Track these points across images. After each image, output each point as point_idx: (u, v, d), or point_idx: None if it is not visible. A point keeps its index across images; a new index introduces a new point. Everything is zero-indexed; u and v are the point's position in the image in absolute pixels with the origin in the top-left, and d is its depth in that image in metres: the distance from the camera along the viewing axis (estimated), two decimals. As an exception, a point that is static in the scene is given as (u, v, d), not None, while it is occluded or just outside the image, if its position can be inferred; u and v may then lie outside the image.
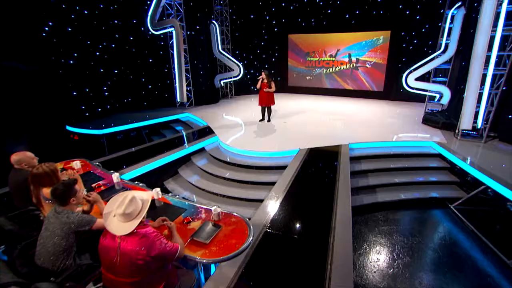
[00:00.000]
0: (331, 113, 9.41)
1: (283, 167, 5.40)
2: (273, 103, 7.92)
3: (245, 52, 12.87)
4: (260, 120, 8.21)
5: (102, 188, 3.51)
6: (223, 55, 11.61)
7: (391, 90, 11.22)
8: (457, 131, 6.70)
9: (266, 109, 8.10)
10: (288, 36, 12.70)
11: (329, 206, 3.95)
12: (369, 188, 5.62)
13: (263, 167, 5.90)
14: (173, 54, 9.85)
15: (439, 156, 6.21)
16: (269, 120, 8.22)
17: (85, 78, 8.74)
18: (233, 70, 11.72)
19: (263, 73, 7.54)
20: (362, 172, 5.88)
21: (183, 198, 5.28)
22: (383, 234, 4.64)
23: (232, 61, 11.60)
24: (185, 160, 6.62)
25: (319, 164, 5.51)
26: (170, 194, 3.45)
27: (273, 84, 7.63)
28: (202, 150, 6.94)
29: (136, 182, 3.79)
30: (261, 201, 4.92)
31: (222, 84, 12.43)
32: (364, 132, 7.25)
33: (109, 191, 3.44)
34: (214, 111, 10.15)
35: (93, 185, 3.53)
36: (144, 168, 5.66)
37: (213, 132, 7.48)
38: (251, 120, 8.72)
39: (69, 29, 8.11)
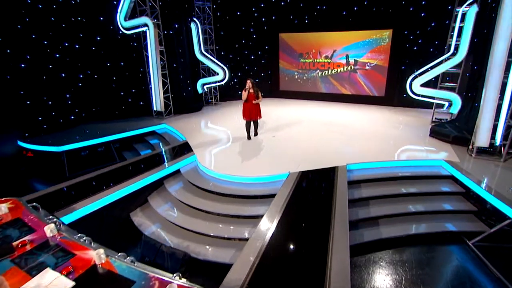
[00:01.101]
0: (327, 123, 8.95)
1: (271, 196, 4.87)
2: (261, 116, 7.38)
3: (231, 53, 12.44)
4: (248, 139, 7.57)
5: (28, 247, 2.82)
6: (206, 57, 11.11)
7: (393, 95, 10.87)
8: (471, 147, 6.20)
9: (251, 123, 7.51)
10: (279, 35, 12.29)
11: (323, 248, 3.45)
12: (371, 220, 5.07)
13: (248, 196, 5.31)
14: (148, 57, 9.35)
15: (452, 178, 5.71)
16: (256, 134, 7.64)
17: (42, 84, 8.04)
18: (217, 73, 11.21)
19: (249, 81, 6.97)
20: (362, 200, 5.32)
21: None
22: (388, 283, 4.06)
23: (216, 63, 11.11)
24: (157, 185, 6.00)
25: (312, 191, 5.00)
26: (119, 254, 2.79)
27: (260, 94, 7.13)
28: (177, 172, 6.33)
29: (80, 235, 3.11)
30: (244, 240, 4.43)
31: (206, 90, 11.90)
32: (364, 147, 6.78)
33: (38, 254, 2.76)
34: (195, 121, 9.67)
35: (15, 243, 2.85)
36: (105, 200, 5.03)
37: (191, 150, 6.90)
38: (237, 132, 8.18)
39: (19, 26, 7.38)
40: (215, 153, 6.80)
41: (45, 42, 7.90)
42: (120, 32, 9.01)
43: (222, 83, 11.37)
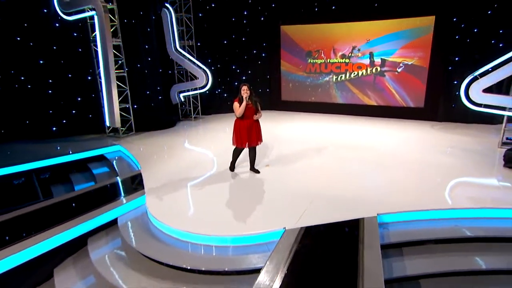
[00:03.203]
0: (344, 146, 8.05)
1: (254, 272, 3.81)
2: (262, 139, 6.24)
3: (217, 51, 11.88)
4: (231, 169, 6.37)
5: None
6: (183, 56, 10.43)
7: (437, 106, 10.11)
8: None
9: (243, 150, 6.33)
10: (280, 28, 11.80)
11: None
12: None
13: (216, 271, 4.02)
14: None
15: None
16: (256, 170, 6.34)
17: None
18: (198, 78, 10.53)
19: (245, 87, 5.74)
20: (408, 280, 3.99)
21: None
22: None
23: (196, 64, 10.45)
24: (76, 245, 4.70)
25: (321, 263, 3.78)
26: None
27: (259, 106, 6.08)
28: (112, 224, 5.06)
29: None
30: None
31: (183, 99, 11.11)
32: (401, 185, 5.73)
33: None
34: (163, 142, 8.90)
35: None
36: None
37: (142, 187, 5.76)
38: (220, 158, 7.27)
39: None
40: (176, 194, 5.58)
41: None
42: (59, 18, 8.11)
43: (204, 90, 10.69)
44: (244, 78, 11.96)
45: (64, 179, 7.43)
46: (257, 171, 6.27)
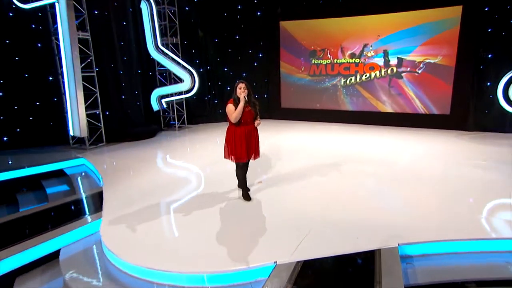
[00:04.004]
0: (355, 161, 7.75)
1: None
2: (259, 153, 5.91)
3: (206, 51, 11.83)
4: (246, 198, 5.82)
5: None
6: (165, 55, 10.17)
7: (467, 113, 9.81)
8: None
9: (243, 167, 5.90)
10: (279, 25, 11.75)
11: None
12: None
13: None
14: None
15: None
16: (248, 196, 5.85)
17: None
18: (182, 80, 10.31)
19: (241, 86, 5.35)
20: None
21: None
22: None
23: (181, 65, 10.22)
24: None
25: None
26: None
27: (258, 112, 5.76)
28: (52, 258, 4.48)
29: None
30: None
31: (165, 106, 10.77)
32: (427, 207, 5.32)
33: None
34: (139, 156, 8.49)
35: None
36: None
37: (100, 210, 5.30)
38: (206, 174, 7.07)
39: None
40: (143, 219, 5.06)
41: None
42: (13, 5, 7.87)
43: (190, 95, 10.49)
44: (236, 82, 11.62)
45: (11, 199, 6.91)
46: (247, 190, 5.83)
